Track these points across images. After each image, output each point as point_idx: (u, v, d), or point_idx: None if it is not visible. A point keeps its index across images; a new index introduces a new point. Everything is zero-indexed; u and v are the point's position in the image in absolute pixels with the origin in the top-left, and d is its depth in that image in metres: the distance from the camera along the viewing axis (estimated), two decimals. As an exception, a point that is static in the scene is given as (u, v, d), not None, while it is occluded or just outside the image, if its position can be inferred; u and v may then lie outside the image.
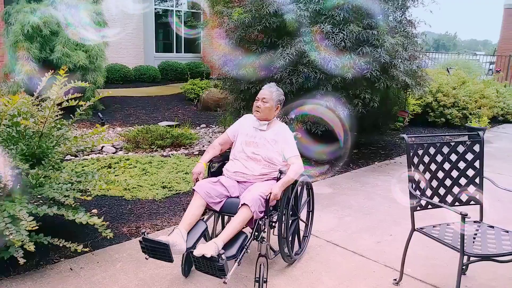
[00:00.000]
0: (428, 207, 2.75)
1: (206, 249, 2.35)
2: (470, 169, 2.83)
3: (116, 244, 3.30)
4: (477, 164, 2.83)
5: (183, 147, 6.31)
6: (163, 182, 4.64)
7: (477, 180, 2.84)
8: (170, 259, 2.43)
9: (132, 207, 4.02)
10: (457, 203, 2.85)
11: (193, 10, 14.04)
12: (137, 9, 11.13)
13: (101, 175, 3.21)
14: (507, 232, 2.65)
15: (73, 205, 2.91)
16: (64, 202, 2.86)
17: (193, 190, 2.80)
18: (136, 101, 9.49)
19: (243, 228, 2.64)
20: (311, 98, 5.49)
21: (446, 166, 2.82)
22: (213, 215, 3.02)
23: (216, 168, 3.13)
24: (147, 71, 12.04)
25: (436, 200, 2.80)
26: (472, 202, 2.86)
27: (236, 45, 5.95)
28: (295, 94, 5.47)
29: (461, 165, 2.83)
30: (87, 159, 5.37)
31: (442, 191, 2.83)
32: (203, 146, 6.45)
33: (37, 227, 2.57)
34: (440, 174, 2.82)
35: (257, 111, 3.01)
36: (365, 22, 5.34)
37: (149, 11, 13.05)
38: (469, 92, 8.92)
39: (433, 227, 2.74)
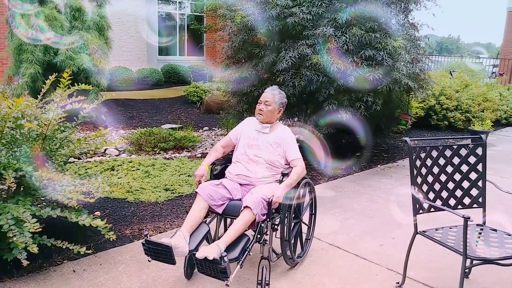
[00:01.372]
0: (431, 210, 2.75)
1: (209, 251, 2.36)
2: (473, 172, 2.83)
3: (119, 246, 3.31)
4: (480, 167, 2.82)
5: (185, 149, 6.32)
6: (165, 185, 4.65)
7: (480, 183, 2.83)
8: (172, 262, 2.44)
9: (135, 210, 4.03)
10: (460, 206, 2.84)
11: (196, 13, 14.08)
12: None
13: (104, 178, 3.22)
14: (510, 235, 2.64)
15: (76, 207, 2.92)
16: (67, 204, 2.87)
17: (196, 192, 2.81)
18: (139, 103, 9.52)
19: (246, 230, 2.65)
20: (313, 102, 5.51)
21: (449, 169, 2.82)
22: (216, 218, 3.03)
23: (218, 171, 3.14)
24: (150, 74, 12.07)
25: (438, 203, 2.80)
26: (475, 205, 2.86)
27: (238, 48, 5.97)
28: (297, 97, 5.48)
29: (464, 168, 2.83)
30: (90, 161, 5.39)
31: (444, 194, 2.83)
32: (206, 148, 6.46)
33: (40, 229, 2.58)
34: (443, 177, 2.82)
35: (260, 114, 3.02)
36: (367, 25, 5.35)
37: (153, 14, 13.10)
38: (472, 95, 8.90)
39: (436, 230, 2.73)
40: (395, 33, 5.52)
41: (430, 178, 2.79)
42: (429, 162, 2.78)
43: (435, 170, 2.80)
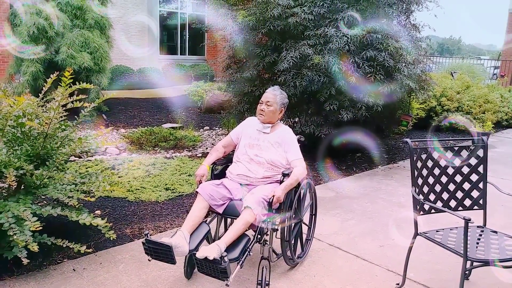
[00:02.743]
0: (432, 211, 2.74)
1: (209, 251, 2.36)
2: (473, 174, 2.83)
3: (119, 246, 3.31)
4: (480, 169, 2.82)
5: (186, 149, 6.32)
6: (166, 184, 4.65)
7: (480, 185, 2.83)
8: (172, 261, 2.44)
9: (135, 209, 4.03)
10: (460, 208, 2.84)
11: (197, 13, 14.09)
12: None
13: (105, 177, 3.22)
14: (511, 237, 2.64)
15: (76, 206, 2.93)
16: (67, 203, 2.87)
17: (196, 192, 2.81)
18: (140, 102, 9.53)
19: (246, 230, 2.65)
20: (314, 102, 5.50)
21: (450, 170, 2.82)
22: (216, 218, 3.03)
23: (219, 171, 3.13)
24: (151, 72, 12.08)
25: (439, 204, 2.80)
26: (475, 207, 2.85)
27: (240, 48, 5.97)
28: (298, 97, 5.47)
29: (465, 169, 2.82)
30: (91, 160, 5.39)
31: (445, 195, 2.83)
32: (207, 148, 6.46)
33: (40, 228, 2.58)
34: (444, 179, 2.82)
35: (261, 114, 3.01)
36: (369, 25, 5.35)
37: (154, 13, 13.10)
38: (473, 97, 8.90)
39: (436, 231, 2.73)
40: (397, 34, 5.52)
41: (431, 180, 2.79)
42: (430, 163, 2.78)
43: (436, 171, 2.80)
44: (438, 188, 2.81)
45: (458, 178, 2.83)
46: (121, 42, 11.41)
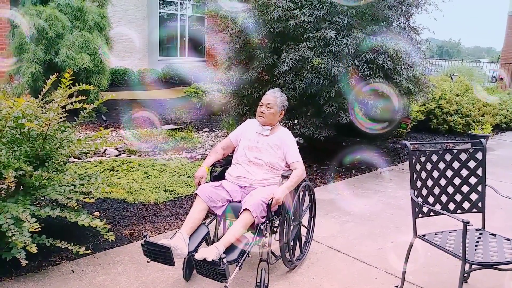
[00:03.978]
0: (430, 214, 2.75)
1: (208, 253, 2.36)
2: (472, 176, 2.83)
3: (118, 247, 3.31)
4: (479, 171, 2.82)
5: (185, 150, 6.32)
6: (165, 186, 4.65)
7: (479, 188, 2.83)
8: (171, 263, 2.44)
9: (134, 210, 4.03)
10: (459, 211, 2.84)
11: (197, 14, 14.10)
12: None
13: (104, 178, 3.22)
14: (509, 240, 2.64)
15: (75, 207, 2.92)
16: (66, 204, 2.87)
17: (195, 194, 2.81)
18: (139, 104, 9.52)
19: (245, 232, 2.65)
20: (313, 104, 5.50)
21: (449, 173, 2.82)
22: (215, 219, 3.03)
23: (218, 173, 3.14)
24: (151, 74, 12.08)
25: (438, 207, 2.80)
26: (474, 210, 2.86)
27: (240, 50, 5.97)
28: (298, 99, 5.48)
29: (464, 172, 2.83)
30: (90, 161, 5.39)
31: (444, 198, 2.83)
32: (206, 150, 6.46)
33: (39, 229, 2.58)
34: (443, 182, 2.82)
35: (261, 117, 3.02)
36: (368, 28, 5.36)
37: (154, 15, 13.12)
38: (472, 100, 8.91)
39: (435, 234, 2.73)
40: (396, 36, 5.53)
41: (429, 182, 2.79)
42: (429, 166, 2.78)
43: (435, 174, 2.80)
44: (437, 190, 2.81)
45: (457, 181, 2.83)
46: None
